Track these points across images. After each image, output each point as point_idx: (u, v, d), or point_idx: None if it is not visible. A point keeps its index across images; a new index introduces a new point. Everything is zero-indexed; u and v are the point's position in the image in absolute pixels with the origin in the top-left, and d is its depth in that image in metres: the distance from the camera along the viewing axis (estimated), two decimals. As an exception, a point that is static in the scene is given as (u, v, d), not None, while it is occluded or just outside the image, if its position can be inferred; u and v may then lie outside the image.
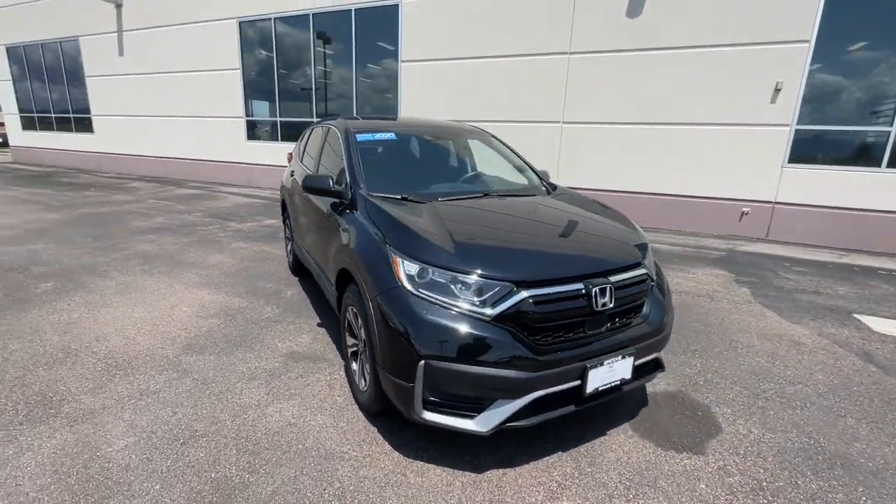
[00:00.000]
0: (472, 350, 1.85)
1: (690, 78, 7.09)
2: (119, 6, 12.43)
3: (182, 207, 8.46)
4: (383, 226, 2.28)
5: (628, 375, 2.12)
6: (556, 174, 8.30)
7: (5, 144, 20.19)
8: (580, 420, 2.43)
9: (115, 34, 12.80)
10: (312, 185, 2.83)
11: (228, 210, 8.27)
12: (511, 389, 1.86)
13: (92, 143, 14.62)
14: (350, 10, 9.50)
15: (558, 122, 8.16)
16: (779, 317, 3.95)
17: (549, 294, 1.94)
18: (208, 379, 2.76)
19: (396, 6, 9.04)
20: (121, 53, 12.96)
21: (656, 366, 2.36)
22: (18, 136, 16.85)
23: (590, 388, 2.00)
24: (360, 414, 2.45)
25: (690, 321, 3.79)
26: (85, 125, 14.58)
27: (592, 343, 2.02)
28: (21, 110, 16.31)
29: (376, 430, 2.33)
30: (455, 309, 1.90)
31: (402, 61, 9.21)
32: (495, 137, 3.85)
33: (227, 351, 3.10)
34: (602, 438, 2.31)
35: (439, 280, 1.95)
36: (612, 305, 2.04)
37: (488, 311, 1.89)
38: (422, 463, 2.10)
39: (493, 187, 3.16)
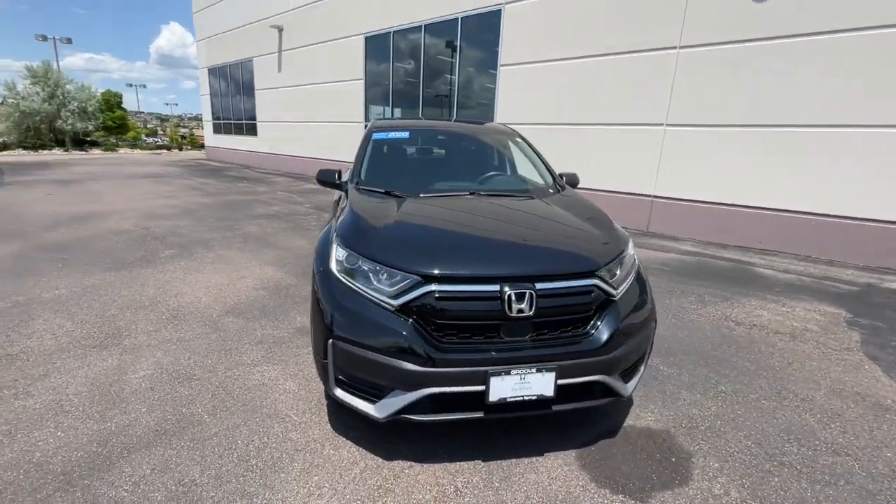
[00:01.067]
0: (372, 336, 1.90)
1: (834, 70, 5.73)
2: (280, 30, 14.92)
3: (299, 199, 9.84)
4: (340, 213, 2.46)
5: (549, 393, 1.92)
6: (654, 183, 7.47)
7: (201, 146, 26.00)
8: (525, 433, 2.27)
9: (276, 54, 15.40)
10: (322, 178, 3.16)
11: (329, 203, 9.36)
12: (404, 381, 1.86)
13: (256, 144, 17.81)
14: (457, 19, 9.90)
15: (661, 124, 7.34)
16: (882, 373, 3.03)
17: (454, 291, 1.89)
18: (228, 337, 3.27)
19: (499, 11, 9.14)
20: (279, 70, 15.54)
21: (606, 391, 2.08)
22: (211, 138, 21.41)
23: (493, 397, 1.88)
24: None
25: (740, 359, 3.15)
26: (252, 129, 17.83)
27: (502, 350, 1.89)
28: (214, 118, 20.68)
29: (327, 404, 2.51)
30: (367, 296, 1.97)
31: (501, 65, 9.26)
32: (524, 140, 3.72)
33: (256, 318, 3.62)
34: (535, 458, 2.13)
35: (362, 267, 2.05)
36: (530, 313, 1.89)
37: (393, 301, 1.92)
38: (344, 440, 2.22)
39: (487, 187, 3.08)
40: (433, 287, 1.89)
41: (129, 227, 6.66)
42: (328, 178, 3.12)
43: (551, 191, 3.10)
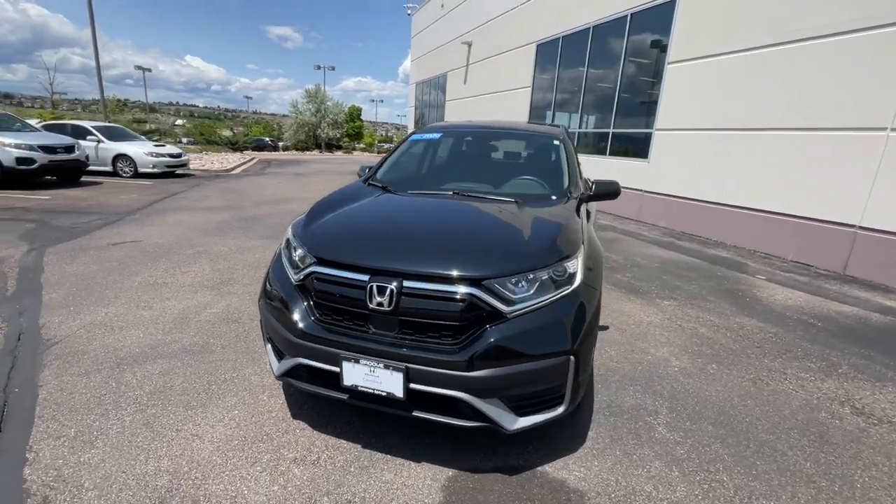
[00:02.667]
0: (276, 302, 2.19)
1: None
2: (469, 45, 16.27)
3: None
4: None
5: (399, 393, 1.85)
6: (862, 208, 5.45)
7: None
8: (435, 438, 2.20)
9: (464, 68, 16.85)
10: (359, 173, 3.58)
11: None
12: (286, 348, 2.08)
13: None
14: (626, 16, 9.09)
15: (882, 128, 5.29)
16: None
17: (328, 275, 2.01)
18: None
19: (673, 2, 8.01)
20: (465, 82, 16.98)
21: (478, 415, 1.85)
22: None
23: (346, 382, 1.92)
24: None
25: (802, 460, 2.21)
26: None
27: (357, 338, 1.92)
28: (415, 127, 23.91)
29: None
30: (285, 270, 2.27)
31: (669, 63, 8.11)
32: (563, 143, 3.35)
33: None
34: (409, 462, 2.05)
35: (292, 244, 2.35)
36: (388, 308, 1.86)
37: (294, 276, 2.16)
38: (281, 399, 2.57)
39: (482, 189, 2.93)
40: (317, 269, 2.06)
41: (304, 208, 8.53)
42: (361, 173, 3.52)
43: (553, 198, 2.77)
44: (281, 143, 35.47)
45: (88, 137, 11.61)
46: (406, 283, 1.89)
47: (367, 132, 51.61)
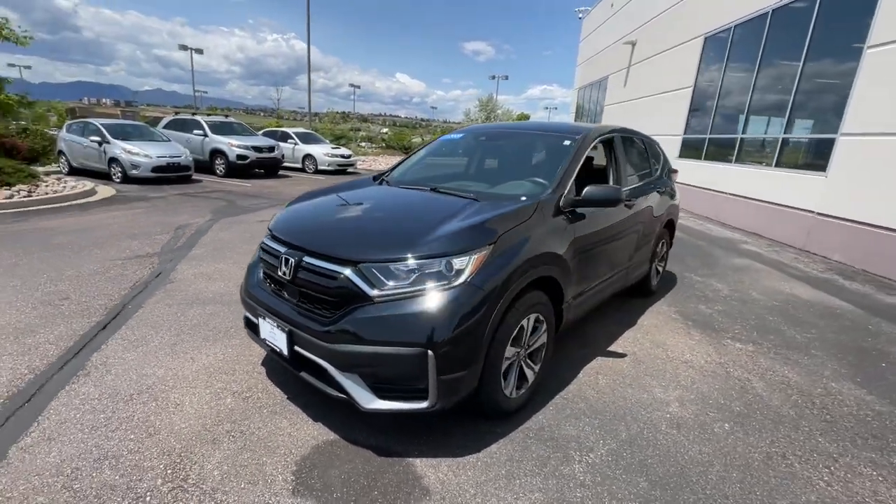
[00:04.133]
0: (251, 267, 2.70)
1: None
2: (633, 45, 14.99)
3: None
4: None
5: (285, 351, 2.13)
6: None
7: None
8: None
9: (625, 70, 15.60)
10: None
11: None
12: (241, 300, 2.58)
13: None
14: (816, -7, 7.21)
15: None
16: None
17: (265, 244, 2.42)
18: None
19: (883, -34, 6.05)
20: (624, 84, 15.71)
21: (338, 387, 2.00)
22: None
23: (262, 335, 2.30)
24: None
25: None
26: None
27: (268, 299, 2.28)
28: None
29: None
30: None
31: (870, 47, 6.17)
32: (574, 146, 3.04)
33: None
34: (311, 421, 2.31)
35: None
36: (288, 278, 2.16)
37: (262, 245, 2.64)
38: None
39: (455, 186, 2.97)
40: (264, 240, 2.50)
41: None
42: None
43: (524, 198, 2.60)
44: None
45: (288, 141, 14.94)
46: (305, 259, 2.16)
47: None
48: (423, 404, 1.96)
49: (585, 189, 2.71)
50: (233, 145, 11.95)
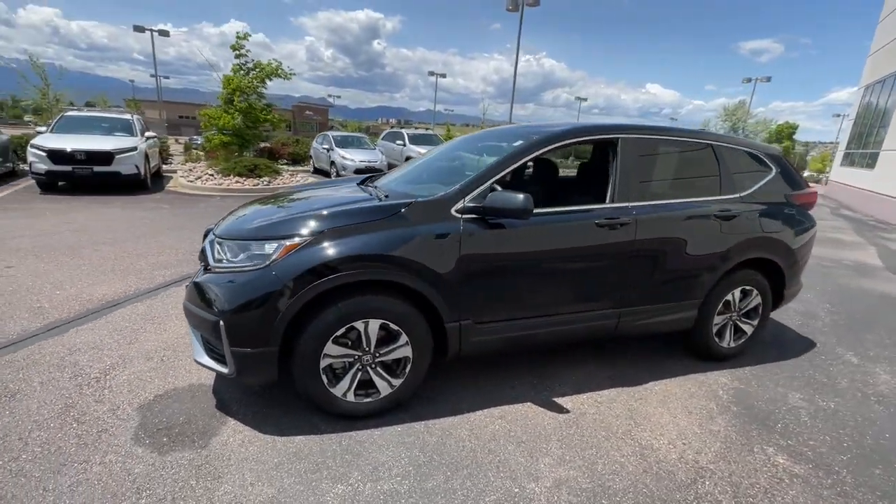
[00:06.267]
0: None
1: None
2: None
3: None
4: None
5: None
6: None
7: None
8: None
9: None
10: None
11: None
12: None
13: (870, 180, 13.44)
14: None
15: None
16: None
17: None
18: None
19: None
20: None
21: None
22: (836, 171, 17.94)
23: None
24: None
25: None
26: (872, 160, 13.50)
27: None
28: (847, 146, 16.94)
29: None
30: None
31: None
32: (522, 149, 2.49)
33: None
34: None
35: None
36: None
37: None
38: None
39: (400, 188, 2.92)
40: None
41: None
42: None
43: (413, 200, 2.38)
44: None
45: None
46: (216, 233, 2.61)
47: (817, 156, 39.64)
48: (226, 370, 2.17)
49: (488, 195, 2.32)
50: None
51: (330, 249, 2.13)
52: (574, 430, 2.38)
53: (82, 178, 8.29)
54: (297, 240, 2.14)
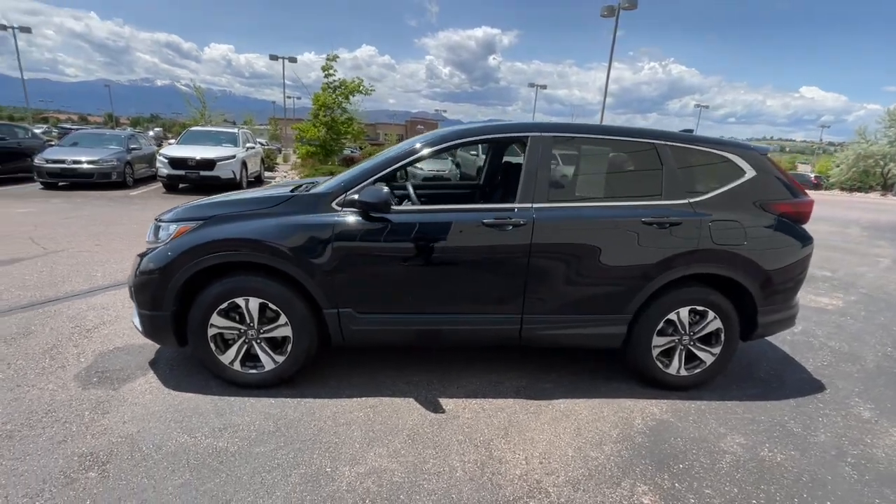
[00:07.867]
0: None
1: None
2: None
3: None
4: None
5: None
6: None
7: None
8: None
9: None
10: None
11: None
12: None
13: None
14: None
15: None
16: None
17: None
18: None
19: None
20: None
21: None
22: None
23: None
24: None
25: None
26: None
27: None
28: None
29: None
30: None
31: None
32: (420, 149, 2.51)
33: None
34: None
35: None
36: None
37: None
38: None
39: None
40: None
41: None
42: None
43: (311, 191, 2.59)
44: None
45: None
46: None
47: None
48: (140, 329, 2.62)
49: (363, 190, 2.43)
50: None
51: (210, 233, 2.45)
52: (433, 430, 2.34)
53: (191, 180, 10.12)
54: (191, 224, 2.51)
